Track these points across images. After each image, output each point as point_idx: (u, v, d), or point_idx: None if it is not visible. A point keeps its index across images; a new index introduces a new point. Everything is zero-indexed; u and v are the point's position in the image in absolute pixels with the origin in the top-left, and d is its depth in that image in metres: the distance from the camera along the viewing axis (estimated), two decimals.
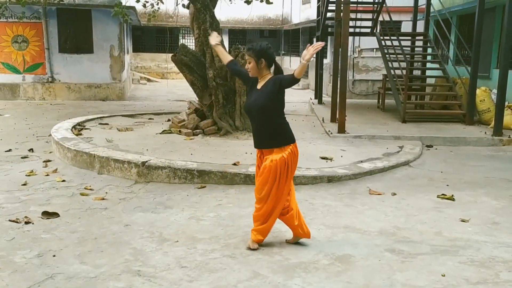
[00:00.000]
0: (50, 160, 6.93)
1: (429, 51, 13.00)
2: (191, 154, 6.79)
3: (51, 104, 13.95)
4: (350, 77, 15.56)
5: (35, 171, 6.32)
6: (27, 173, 6.24)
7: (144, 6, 12.19)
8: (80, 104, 14.04)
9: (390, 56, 11.45)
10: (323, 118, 10.39)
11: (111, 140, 7.60)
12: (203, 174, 5.91)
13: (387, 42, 11.56)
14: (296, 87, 21.14)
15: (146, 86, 21.35)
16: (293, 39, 25.23)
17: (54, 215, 4.70)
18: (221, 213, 4.90)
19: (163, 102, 15.10)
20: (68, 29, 14.81)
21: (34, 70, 14.85)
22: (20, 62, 14.78)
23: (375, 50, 15.48)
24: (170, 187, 5.76)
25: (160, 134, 8.36)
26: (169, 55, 9.08)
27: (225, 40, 15.72)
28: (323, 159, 6.90)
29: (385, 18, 12.05)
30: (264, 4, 10.80)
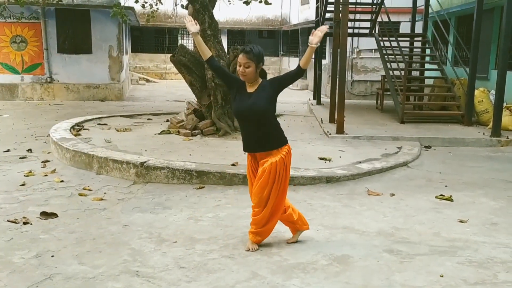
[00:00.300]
0: (49, 161, 6.93)
1: (427, 52, 13.03)
2: (190, 155, 6.79)
3: (49, 104, 13.93)
4: (348, 77, 15.57)
5: (33, 172, 6.31)
6: (26, 173, 6.23)
7: (143, 6, 12.19)
8: (79, 104, 14.03)
9: (388, 57, 11.47)
10: (322, 119, 10.39)
11: (110, 140, 7.59)
12: (201, 174, 5.91)
13: (386, 43, 11.58)
14: (295, 88, 21.17)
15: (145, 87, 21.34)
16: (291, 40, 25.25)
17: (53, 215, 4.70)
18: (219, 213, 4.90)
19: (161, 102, 15.10)
20: (67, 29, 14.79)
21: (33, 70, 14.84)
22: (19, 62, 14.76)
23: (373, 51, 15.52)
24: (169, 188, 5.76)
25: (158, 134, 8.35)
26: (167, 55, 9.09)
27: (223, 40, 15.64)
28: (322, 159, 6.90)
29: (383, 19, 12.06)
30: (262, 5, 10.80)
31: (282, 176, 3.85)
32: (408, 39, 13.16)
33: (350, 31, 12.33)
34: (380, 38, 11.85)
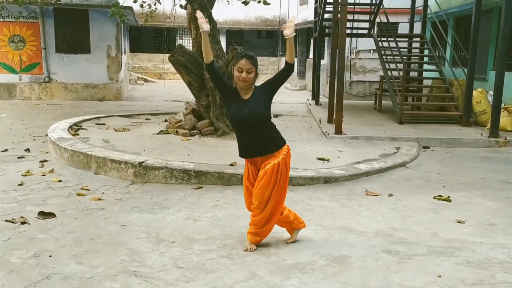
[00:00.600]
0: (47, 160, 6.92)
1: (426, 52, 13.05)
2: (188, 155, 6.79)
3: (47, 104, 13.91)
4: (347, 78, 15.59)
5: (31, 171, 6.30)
6: (24, 173, 6.22)
7: (142, 6, 12.18)
8: (77, 104, 14.01)
9: (387, 58, 11.48)
10: (320, 119, 10.40)
11: (108, 140, 7.59)
12: (200, 174, 5.91)
13: (384, 43, 11.59)
14: (293, 88, 21.19)
15: (143, 87, 21.32)
16: None
17: (51, 215, 4.69)
18: (218, 213, 4.90)
19: (160, 102, 15.08)
20: (65, 29, 14.77)
21: (31, 70, 14.81)
22: (17, 62, 14.74)
23: (372, 51, 15.52)
24: (167, 188, 5.76)
25: (157, 134, 8.35)
26: (166, 55, 9.09)
27: (222, 41, 15.66)
28: (320, 160, 6.91)
29: (382, 19, 12.07)
30: (261, 5, 10.80)
31: (283, 176, 3.87)
32: (406, 39, 13.18)
33: (348, 31, 12.33)
34: (378, 39, 11.86)
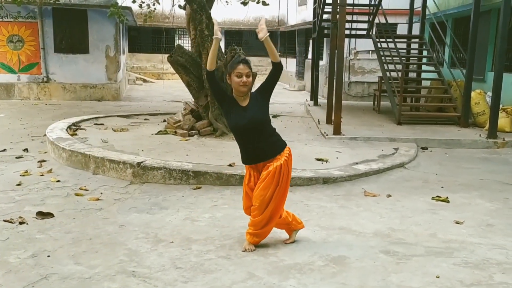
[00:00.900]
0: (45, 160, 6.91)
1: (424, 53, 13.06)
2: (187, 155, 6.79)
3: (46, 104, 13.89)
4: (346, 79, 15.60)
5: (29, 171, 6.30)
6: (22, 173, 6.21)
7: (140, 6, 12.17)
8: (75, 104, 13.99)
9: (385, 58, 11.49)
10: (319, 120, 10.41)
11: (107, 140, 7.58)
12: (198, 175, 5.90)
13: (383, 44, 11.60)
14: (292, 89, 21.20)
15: (142, 87, 21.30)
16: (289, 40, 25.27)
17: (49, 215, 4.69)
18: (216, 214, 4.90)
19: (158, 102, 15.07)
20: (64, 29, 14.76)
21: (29, 70, 14.79)
22: (15, 62, 14.72)
23: (371, 52, 15.54)
24: (166, 188, 5.75)
25: (155, 134, 8.34)
26: (165, 55, 9.09)
27: (221, 41, 15.68)
28: (319, 160, 6.91)
29: (381, 20, 12.08)
30: (260, 6, 10.80)
31: (284, 178, 3.87)
32: (405, 40, 13.20)
33: (347, 32, 12.33)
34: (377, 40, 11.87)
